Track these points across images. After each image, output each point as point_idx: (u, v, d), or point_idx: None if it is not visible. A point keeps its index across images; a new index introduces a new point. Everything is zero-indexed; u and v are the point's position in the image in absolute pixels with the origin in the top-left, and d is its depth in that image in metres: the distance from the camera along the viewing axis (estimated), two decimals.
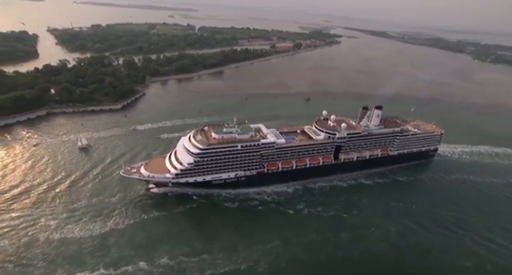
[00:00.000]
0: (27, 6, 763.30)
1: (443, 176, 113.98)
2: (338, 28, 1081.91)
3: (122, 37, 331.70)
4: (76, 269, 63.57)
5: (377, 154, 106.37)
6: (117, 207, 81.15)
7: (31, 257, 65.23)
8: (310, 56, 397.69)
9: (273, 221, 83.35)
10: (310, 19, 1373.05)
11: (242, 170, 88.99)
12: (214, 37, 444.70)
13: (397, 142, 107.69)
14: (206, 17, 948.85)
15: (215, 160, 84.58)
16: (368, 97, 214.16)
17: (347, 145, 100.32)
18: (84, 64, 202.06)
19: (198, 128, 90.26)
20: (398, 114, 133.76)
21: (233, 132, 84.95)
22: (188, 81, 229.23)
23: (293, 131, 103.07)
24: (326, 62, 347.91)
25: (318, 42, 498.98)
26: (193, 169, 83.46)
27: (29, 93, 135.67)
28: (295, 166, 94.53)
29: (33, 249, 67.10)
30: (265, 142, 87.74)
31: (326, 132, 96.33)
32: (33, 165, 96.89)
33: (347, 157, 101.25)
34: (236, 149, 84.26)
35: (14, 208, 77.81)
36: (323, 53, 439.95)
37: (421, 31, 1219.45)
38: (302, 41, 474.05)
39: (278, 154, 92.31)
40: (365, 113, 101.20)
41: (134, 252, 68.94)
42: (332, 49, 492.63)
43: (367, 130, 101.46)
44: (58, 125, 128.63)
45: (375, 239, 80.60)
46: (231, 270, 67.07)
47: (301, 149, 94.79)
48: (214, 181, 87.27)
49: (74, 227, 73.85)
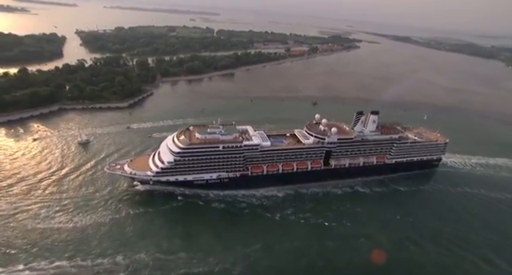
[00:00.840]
0: (62, 11, 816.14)
1: (449, 188, 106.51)
2: (360, 33, 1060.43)
3: (140, 39, 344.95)
4: (55, 258, 65.22)
5: (372, 162, 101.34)
6: (104, 201, 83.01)
7: (16, 243, 67.91)
8: (325, 60, 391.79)
9: (257, 225, 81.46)
10: (332, 24, 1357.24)
11: (224, 172, 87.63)
12: (231, 40, 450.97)
13: (394, 150, 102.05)
14: (226, 21, 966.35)
15: (196, 160, 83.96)
16: (380, 103, 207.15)
17: (338, 150, 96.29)
18: (100, 63, 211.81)
19: (183, 128, 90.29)
20: (408, 122, 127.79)
21: (216, 132, 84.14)
22: (197, 82, 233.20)
23: (282, 134, 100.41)
24: (341, 67, 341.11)
25: (336, 47, 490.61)
26: (173, 167, 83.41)
27: (44, 89, 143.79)
28: (281, 170, 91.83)
29: (19, 235, 69.88)
30: (248, 144, 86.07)
31: (316, 136, 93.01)
32: (33, 156, 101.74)
33: (338, 164, 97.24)
34: (218, 149, 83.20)
35: (8, 195, 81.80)
36: (339, 57, 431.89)
37: (449, 36, 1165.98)
38: (319, 46, 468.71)
39: (262, 157, 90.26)
40: (359, 118, 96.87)
41: (113, 245, 69.84)
42: (350, 54, 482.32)
43: (361, 136, 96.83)
44: (66, 120, 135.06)
45: (363, 250, 76.24)
46: (205, 271, 66.06)
47: (287, 153, 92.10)
48: (195, 181, 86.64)
49: (61, 217, 76.24)
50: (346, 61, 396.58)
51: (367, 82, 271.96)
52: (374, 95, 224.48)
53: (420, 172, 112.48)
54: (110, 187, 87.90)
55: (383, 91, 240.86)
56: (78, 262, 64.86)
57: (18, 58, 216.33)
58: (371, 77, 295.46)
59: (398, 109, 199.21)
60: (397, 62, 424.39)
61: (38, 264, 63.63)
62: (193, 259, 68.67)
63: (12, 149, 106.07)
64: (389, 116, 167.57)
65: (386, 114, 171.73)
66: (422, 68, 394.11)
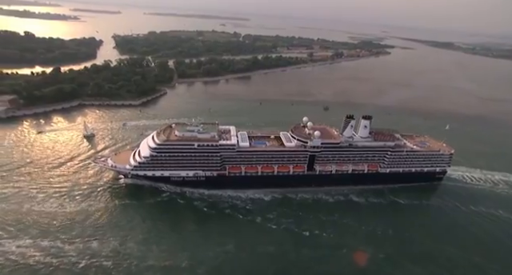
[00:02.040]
0: (107, 18, 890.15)
1: (455, 205, 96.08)
2: (395, 38, 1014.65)
3: (167, 43, 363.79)
4: (40, 238, 70.31)
5: (362, 170, 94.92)
6: (94, 191, 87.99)
7: (9, 221, 74.57)
8: (348, 66, 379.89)
9: (235, 227, 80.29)
10: (366, 30, 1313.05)
11: (201, 170, 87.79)
12: (255, 44, 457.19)
13: (388, 159, 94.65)
14: (255, 26, 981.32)
15: (172, 156, 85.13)
16: (397, 110, 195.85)
17: (323, 155, 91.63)
18: (123, 64, 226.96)
19: (166, 125, 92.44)
20: (427, 131, 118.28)
21: (194, 131, 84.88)
22: (213, 84, 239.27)
23: (266, 136, 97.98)
24: (364, 73, 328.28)
25: (363, 52, 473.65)
26: (150, 162, 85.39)
27: (67, 86, 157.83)
28: (261, 173, 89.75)
29: (14, 215, 76.67)
30: (224, 143, 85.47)
31: (298, 139, 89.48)
32: (43, 146, 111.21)
33: (324, 169, 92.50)
34: (192, 147, 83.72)
35: (13, 179, 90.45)
36: (365, 63, 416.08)
37: (503, 42, 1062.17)
38: (345, 51, 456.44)
39: (240, 158, 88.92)
40: (348, 123, 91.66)
41: (93, 232, 73.52)
42: (377, 60, 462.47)
43: (349, 141, 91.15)
44: (83, 114, 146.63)
45: (342, 262, 71.98)
46: (171, 265, 66.79)
47: (267, 155, 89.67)
48: (172, 177, 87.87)
49: (54, 203, 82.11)
50: (370, 67, 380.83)
51: (388, 89, 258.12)
52: (393, 102, 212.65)
53: (425, 184, 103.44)
54: (102, 178, 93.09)
55: (404, 98, 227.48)
56: (57, 244, 69.25)
57: (57, 59, 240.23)
58: (394, 84, 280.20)
59: (417, 117, 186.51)
60: (429, 69, 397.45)
61: (24, 242, 69.09)
62: (163, 252, 69.83)
63: (27, 138, 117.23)
64: (405, 124, 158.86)
65: (402, 122, 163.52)
66: (458, 76, 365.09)
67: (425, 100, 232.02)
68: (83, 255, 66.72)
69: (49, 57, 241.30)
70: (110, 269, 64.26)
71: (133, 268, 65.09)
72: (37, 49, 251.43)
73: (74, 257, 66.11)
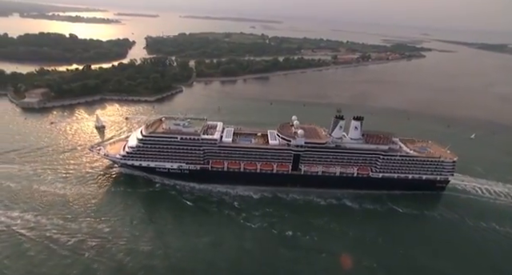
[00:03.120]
0: (145, 21, 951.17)
1: (467, 219, 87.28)
2: (435, 41, 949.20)
3: (193, 44, 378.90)
4: (34, 211, 78.20)
5: (352, 173, 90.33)
6: (95, 176, 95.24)
7: (19, 197, 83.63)
8: (374, 69, 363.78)
9: (217, 221, 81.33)
10: (403, 32, 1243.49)
11: (184, 163, 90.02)
12: (280, 46, 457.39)
13: (380, 163, 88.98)
14: (286, 29, 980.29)
15: (157, 148, 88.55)
16: (417, 115, 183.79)
17: (308, 155, 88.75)
18: (147, 63, 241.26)
19: (157, 119, 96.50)
20: (447, 140, 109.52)
21: (180, 125, 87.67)
22: (230, 84, 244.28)
23: (253, 133, 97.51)
24: (390, 76, 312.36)
25: (393, 55, 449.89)
26: (136, 153, 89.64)
27: (92, 82, 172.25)
28: (243, 169, 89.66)
29: (24, 192, 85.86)
30: (205, 138, 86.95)
31: (282, 137, 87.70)
32: (61, 134, 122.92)
33: (309, 170, 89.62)
34: (175, 140, 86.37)
35: (29, 161, 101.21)
36: (394, 66, 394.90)
37: None
38: (373, 54, 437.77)
39: (223, 153, 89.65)
40: (337, 123, 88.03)
41: (87, 214, 79.12)
42: (408, 64, 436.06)
43: (337, 142, 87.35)
44: (102, 108, 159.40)
45: (317, 265, 69.67)
46: (148, 250, 68.96)
47: (249, 152, 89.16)
48: (157, 168, 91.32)
49: (59, 184, 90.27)
50: (399, 71, 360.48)
51: (413, 93, 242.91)
52: (415, 106, 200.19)
53: (430, 193, 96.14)
54: (102, 166, 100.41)
55: (428, 103, 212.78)
56: (53, 220, 76.18)
57: (91, 58, 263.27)
58: (420, 88, 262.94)
59: (440, 123, 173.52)
60: (468, 73, 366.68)
61: (28, 214, 77.16)
62: (144, 238, 73.18)
63: (44, 127, 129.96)
64: (422, 130, 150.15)
65: (419, 128, 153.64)
66: (499, 80, 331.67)
67: (453, 105, 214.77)
68: (73, 232, 72.53)
69: (85, 56, 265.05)
70: (91, 247, 69.00)
71: (112, 248, 69.05)
72: (76, 49, 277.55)
73: (64, 235, 71.95)
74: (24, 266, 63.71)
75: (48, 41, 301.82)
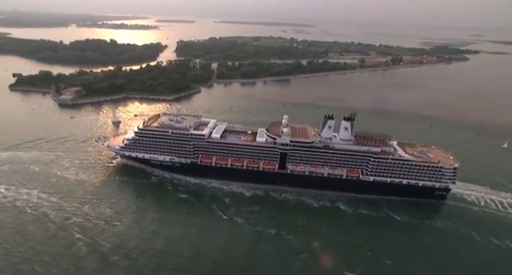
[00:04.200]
0: (182, 27, 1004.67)
1: (475, 235, 79.31)
2: (487, 42, 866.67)
3: (220, 47, 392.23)
4: (52, 195, 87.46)
5: (341, 175, 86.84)
6: (103, 165, 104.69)
7: (38, 179, 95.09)
8: (405, 73, 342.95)
9: (204, 214, 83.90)
10: (450, 34, 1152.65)
11: (176, 156, 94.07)
12: (308, 49, 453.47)
13: (371, 165, 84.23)
14: (317, 32, 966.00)
15: (150, 141, 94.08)
16: (445, 122, 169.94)
17: (295, 154, 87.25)
18: (171, 65, 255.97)
19: (155, 114, 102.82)
20: (475, 149, 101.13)
21: (173, 120, 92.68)
22: (250, 86, 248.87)
23: (244, 131, 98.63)
24: (420, 80, 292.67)
25: (428, 58, 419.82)
26: (132, 145, 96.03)
27: (118, 82, 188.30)
28: (230, 165, 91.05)
29: (42, 175, 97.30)
30: (194, 133, 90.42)
31: (269, 135, 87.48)
32: (83, 127, 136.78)
33: (296, 169, 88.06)
34: (167, 134, 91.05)
35: (53, 149, 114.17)
36: (428, 70, 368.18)
37: None
38: (407, 57, 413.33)
39: (211, 148, 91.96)
40: (325, 123, 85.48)
41: (90, 198, 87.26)
42: (447, 67, 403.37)
43: (324, 142, 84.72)
44: (124, 105, 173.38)
45: (294, 265, 68.88)
46: (136, 234, 74.19)
47: (236, 148, 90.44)
48: (152, 160, 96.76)
49: (72, 171, 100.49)
50: (433, 75, 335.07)
51: (444, 99, 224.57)
52: (442, 112, 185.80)
53: (435, 202, 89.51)
54: (108, 156, 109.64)
55: (459, 109, 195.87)
56: (62, 201, 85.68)
57: (124, 60, 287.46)
58: (454, 93, 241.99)
59: (469, 130, 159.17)
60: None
61: (43, 193, 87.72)
62: (134, 223, 78.68)
63: (72, 121, 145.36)
64: (442, 137, 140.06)
65: (440, 134, 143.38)
66: None
67: (488, 112, 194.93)
68: (76, 213, 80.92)
69: (119, 58, 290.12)
70: (86, 227, 75.98)
71: (104, 229, 75.37)
72: (112, 53, 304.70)
73: (67, 213, 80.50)
74: (21, 236, 72.38)
75: (91, 47, 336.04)
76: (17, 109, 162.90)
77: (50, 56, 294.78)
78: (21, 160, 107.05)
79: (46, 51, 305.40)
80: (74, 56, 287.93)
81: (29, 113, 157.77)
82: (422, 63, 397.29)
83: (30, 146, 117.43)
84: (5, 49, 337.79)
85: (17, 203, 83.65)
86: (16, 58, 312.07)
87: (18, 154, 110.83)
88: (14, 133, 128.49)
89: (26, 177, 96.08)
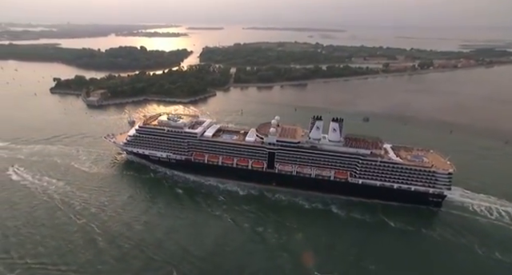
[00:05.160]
0: (210, 34, 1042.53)
1: (476, 247, 74.01)
2: None
3: (242, 52, 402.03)
4: (66, 183, 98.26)
5: (328, 176, 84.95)
6: (113, 160, 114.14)
7: (58, 170, 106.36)
8: (433, 78, 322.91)
9: (197, 209, 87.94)
10: (498, 35, 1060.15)
11: (171, 153, 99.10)
12: (331, 54, 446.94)
13: (360, 168, 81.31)
14: (345, 38, 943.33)
15: (149, 138, 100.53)
16: (468, 129, 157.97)
17: (282, 154, 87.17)
18: (191, 70, 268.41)
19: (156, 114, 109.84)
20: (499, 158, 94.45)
21: (170, 119, 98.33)
22: (266, 90, 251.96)
23: (236, 131, 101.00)
24: (450, 86, 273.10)
25: (464, 62, 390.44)
26: (133, 141, 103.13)
27: (139, 85, 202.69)
28: (221, 163, 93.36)
29: (62, 167, 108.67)
30: (188, 131, 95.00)
31: (257, 135, 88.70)
32: (99, 125, 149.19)
33: (283, 169, 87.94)
34: (163, 132, 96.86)
35: (74, 144, 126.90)
36: (462, 74, 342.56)
37: None
38: (438, 61, 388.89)
39: (204, 146, 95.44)
40: (313, 124, 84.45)
41: (94, 187, 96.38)
42: (486, 71, 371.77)
43: (312, 143, 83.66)
44: (143, 106, 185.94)
45: (272, 262, 69.79)
46: (133, 220, 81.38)
47: (226, 147, 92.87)
48: (151, 156, 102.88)
49: (87, 164, 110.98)
50: (466, 79, 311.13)
51: (473, 104, 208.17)
52: (467, 119, 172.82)
53: (435, 209, 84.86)
54: (118, 152, 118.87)
55: (488, 116, 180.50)
56: (74, 190, 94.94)
57: (150, 65, 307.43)
58: (488, 99, 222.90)
59: (495, 139, 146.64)
60: None
61: (61, 182, 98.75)
62: (135, 212, 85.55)
63: (99, 120, 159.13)
64: (467, 144, 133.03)
65: (459, 142, 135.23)
66: None
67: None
68: (84, 200, 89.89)
69: (146, 63, 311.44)
70: (87, 211, 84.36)
71: (101, 214, 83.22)
72: (140, 59, 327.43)
73: (76, 200, 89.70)
74: (31, 214, 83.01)
75: (123, 53, 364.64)
76: (53, 109, 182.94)
77: (87, 62, 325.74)
78: (48, 152, 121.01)
79: (85, 58, 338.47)
80: (107, 62, 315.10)
81: (62, 112, 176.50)
82: (455, 67, 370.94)
83: (57, 141, 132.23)
84: (52, 57, 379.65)
85: (38, 188, 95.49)
86: (60, 65, 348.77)
87: (47, 147, 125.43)
88: (47, 129, 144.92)
89: (49, 168, 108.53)
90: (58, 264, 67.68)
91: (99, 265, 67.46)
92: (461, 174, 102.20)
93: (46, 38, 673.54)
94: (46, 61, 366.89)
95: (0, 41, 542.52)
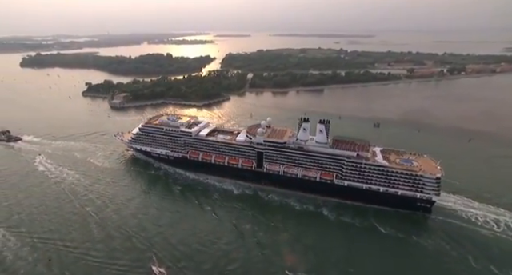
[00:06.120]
0: (237, 41, 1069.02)
1: (468, 257, 70.07)
2: None
3: (263, 58, 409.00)
4: (80, 173, 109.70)
5: (314, 177, 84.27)
6: (123, 157, 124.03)
7: (75, 163, 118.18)
8: (463, 83, 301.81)
9: (190, 205, 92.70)
10: None
11: (170, 150, 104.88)
12: (354, 60, 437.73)
13: (345, 170, 79.54)
14: (374, 43, 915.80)
15: (150, 136, 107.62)
16: (491, 137, 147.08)
17: (270, 154, 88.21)
18: (210, 75, 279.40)
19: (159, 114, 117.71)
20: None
21: (170, 119, 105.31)
22: (281, 95, 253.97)
23: (230, 131, 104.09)
24: (484, 92, 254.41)
25: (505, 67, 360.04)
26: (137, 139, 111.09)
27: (158, 89, 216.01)
28: (214, 161, 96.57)
29: (80, 161, 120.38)
30: (183, 130, 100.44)
31: (247, 135, 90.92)
32: (116, 124, 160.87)
33: (271, 168, 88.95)
34: (161, 130, 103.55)
35: (93, 141, 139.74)
36: (498, 80, 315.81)
37: None
38: (473, 66, 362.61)
39: (198, 145, 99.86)
40: (300, 125, 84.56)
41: (104, 180, 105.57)
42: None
43: (299, 144, 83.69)
44: (161, 109, 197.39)
45: (251, 259, 71.58)
46: (137, 212, 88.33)
47: (218, 146, 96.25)
48: (152, 153, 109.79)
49: (100, 159, 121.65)
50: (504, 85, 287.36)
51: (504, 113, 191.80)
52: (492, 128, 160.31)
53: (429, 216, 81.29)
54: (128, 149, 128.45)
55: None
56: (85, 181, 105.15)
57: (172, 71, 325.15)
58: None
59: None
60: None
61: (77, 174, 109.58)
62: (129, 202, 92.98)
63: (119, 120, 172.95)
64: (487, 153, 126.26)
65: (481, 152, 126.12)
66: None
67: None
68: (94, 192, 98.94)
69: (169, 69, 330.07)
70: (92, 201, 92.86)
71: (115, 208, 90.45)
72: (164, 65, 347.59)
73: (86, 190, 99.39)
74: (45, 201, 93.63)
75: (150, 60, 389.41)
76: (82, 110, 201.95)
77: (117, 68, 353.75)
78: (71, 148, 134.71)
79: (115, 64, 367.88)
80: (134, 68, 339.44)
81: (88, 113, 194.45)
82: (493, 72, 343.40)
83: (80, 138, 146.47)
84: (88, 64, 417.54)
85: (57, 179, 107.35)
86: (94, 71, 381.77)
87: (70, 143, 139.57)
88: (74, 127, 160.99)
89: (70, 161, 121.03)
90: (56, 239, 77.35)
91: (88, 243, 75.70)
92: (465, 183, 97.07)
93: (88, 47, 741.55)
94: (84, 67, 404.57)
95: (50, 51, 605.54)
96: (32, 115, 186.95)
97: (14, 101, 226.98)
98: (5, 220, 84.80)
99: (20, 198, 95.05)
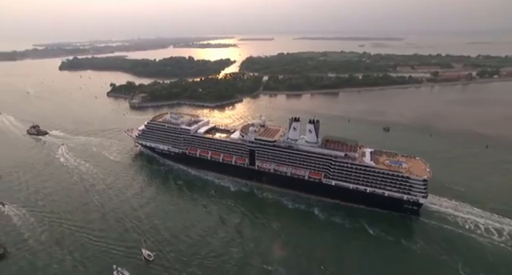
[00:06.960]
0: (260, 44, 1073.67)
1: (457, 265, 67.32)
2: None
3: (281, 62, 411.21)
4: (93, 164, 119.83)
5: (303, 176, 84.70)
6: (134, 152, 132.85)
7: (92, 156, 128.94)
8: (495, 87, 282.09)
9: (188, 199, 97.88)
10: None
11: (171, 146, 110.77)
12: (375, 63, 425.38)
13: (333, 169, 79.00)
14: (400, 46, 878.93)
15: (154, 132, 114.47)
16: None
17: (262, 152, 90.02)
18: (226, 77, 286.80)
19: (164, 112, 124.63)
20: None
21: (172, 117, 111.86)
22: (294, 98, 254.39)
23: (228, 129, 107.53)
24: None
25: None
26: (143, 135, 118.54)
27: (175, 90, 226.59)
28: (210, 157, 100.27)
29: (95, 155, 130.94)
30: (183, 127, 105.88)
31: (240, 133, 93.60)
32: (131, 122, 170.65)
33: (262, 166, 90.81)
34: (164, 127, 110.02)
35: (109, 137, 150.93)
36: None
37: None
38: (508, 69, 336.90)
39: (196, 142, 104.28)
40: (291, 125, 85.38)
41: (117, 173, 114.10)
42: None
43: (289, 143, 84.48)
44: (175, 109, 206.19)
45: (237, 250, 74.62)
46: (138, 203, 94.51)
47: (213, 143, 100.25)
48: (156, 149, 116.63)
49: (113, 154, 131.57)
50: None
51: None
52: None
53: (422, 220, 79.22)
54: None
55: None
56: (96, 171, 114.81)
57: (192, 73, 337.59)
58: None
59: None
60: None
61: (91, 166, 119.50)
62: (130, 193, 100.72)
63: (135, 118, 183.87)
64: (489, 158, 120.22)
65: (498, 159, 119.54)
66: None
67: None
68: (103, 182, 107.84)
69: (188, 72, 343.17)
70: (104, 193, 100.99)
71: (118, 198, 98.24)
72: (185, 67, 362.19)
73: (95, 182, 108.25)
74: (59, 187, 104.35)
75: (172, 63, 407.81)
76: (104, 109, 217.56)
77: (142, 71, 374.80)
78: (90, 142, 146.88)
79: (139, 67, 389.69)
80: (156, 70, 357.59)
81: (109, 112, 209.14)
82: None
83: (99, 133, 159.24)
84: (116, 67, 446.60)
85: (73, 169, 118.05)
86: (121, 73, 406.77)
87: (90, 138, 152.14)
88: (96, 124, 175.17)
89: (87, 154, 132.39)
90: (66, 219, 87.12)
91: (91, 224, 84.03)
92: (470, 189, 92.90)
93: (119, 51, 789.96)
94: (113, 70, 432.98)
95: (86, 55, 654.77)
96: (60, 112, 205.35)
97: (48, 99, 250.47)
98: (26, 201, 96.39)
99: (40, 184, 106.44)
